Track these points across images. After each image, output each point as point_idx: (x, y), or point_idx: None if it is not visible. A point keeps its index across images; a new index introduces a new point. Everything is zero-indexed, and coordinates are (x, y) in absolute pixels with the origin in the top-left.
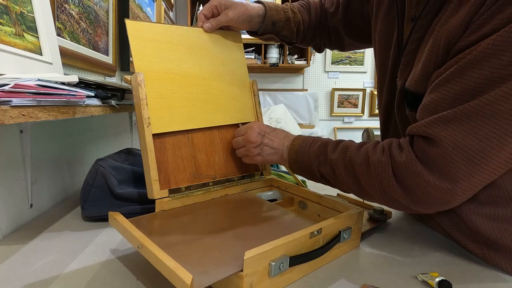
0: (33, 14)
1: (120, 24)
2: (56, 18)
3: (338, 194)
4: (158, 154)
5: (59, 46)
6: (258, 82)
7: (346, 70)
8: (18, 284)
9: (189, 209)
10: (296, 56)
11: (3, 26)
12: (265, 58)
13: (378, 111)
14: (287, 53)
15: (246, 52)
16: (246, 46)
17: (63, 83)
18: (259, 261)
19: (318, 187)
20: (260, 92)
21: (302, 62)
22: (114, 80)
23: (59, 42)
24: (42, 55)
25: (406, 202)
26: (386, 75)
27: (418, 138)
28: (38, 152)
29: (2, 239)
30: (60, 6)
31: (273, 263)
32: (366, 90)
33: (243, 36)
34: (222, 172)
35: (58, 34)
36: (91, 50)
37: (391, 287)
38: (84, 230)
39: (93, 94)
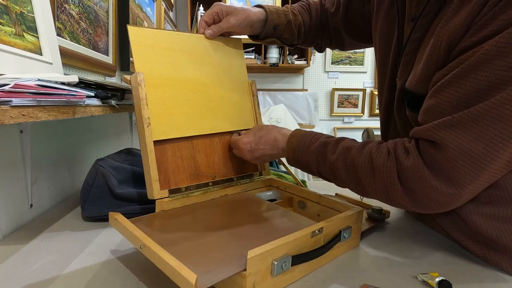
0: (33, 14)
1: (120, 24)
2: (56, 18)
3: (336, 194)
4: (158, 154)
5: (59, 46)
6: (258, 82)
7: (346, 70)
8: (18, 284)
9: (189, 209)
10: (296, 56)
11: (3, 26)
12: (265, 58)
13: (378, 111)
14: (287, 53)
15: (246, 52)
16: (246, 46)
17: (63, 83)
18: (262, 260)
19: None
20: (260, 92)
21: (302, 62)
22: (114, 80)
23: (59, 42)
24: (42, 55)
25: (409, 204)
26: (386, 75)
27: (424, 142)
28: (38, 152)
29: (2, 239)
30: (60, 6)
31: (275, 262)
32: (366, 90)
33: (243, 36)
34: (221, 172)
35: (58, 34)
36: (91, 50)
37: (391, 287)
38: (84, 230)
39: (93, 94)
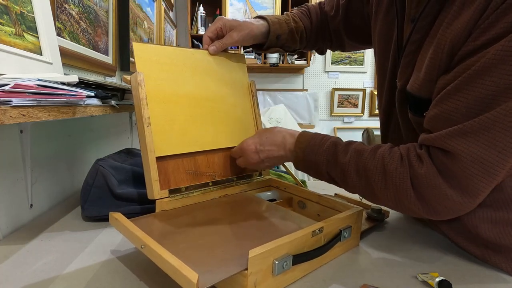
0: (33, 14)
1: (120, 24)
2: (56, 18)
3: (336, 194)
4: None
5: (59, 46)
6: (258, 82)
7: (346, 70)
8: (18, 284)
9: (189, 209)
10: (296, 56)
11: (3, 26)
12: (265, 58)
13: (378, 111)
14: (287, 53)
15: (246, 52)
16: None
17: (63, 83)
18: (263, 259)
19: (317, 187)
20: (260, 92)
21: (302, 62)
22: (114, 80)
23: (59, 42)
24: (42, 55)
25: (421, 211)
26: (385, 76)
27: (436, 150)
28: (38, 152)
29: (2, 239)
30: (60, 6)
31: (276, 262)
32: (366, 90)
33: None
34: (221, 172)
35: (58, 34)
36: (91, 50)
37: (391, 287)
38: (84, 230)
39: (93, 94)
